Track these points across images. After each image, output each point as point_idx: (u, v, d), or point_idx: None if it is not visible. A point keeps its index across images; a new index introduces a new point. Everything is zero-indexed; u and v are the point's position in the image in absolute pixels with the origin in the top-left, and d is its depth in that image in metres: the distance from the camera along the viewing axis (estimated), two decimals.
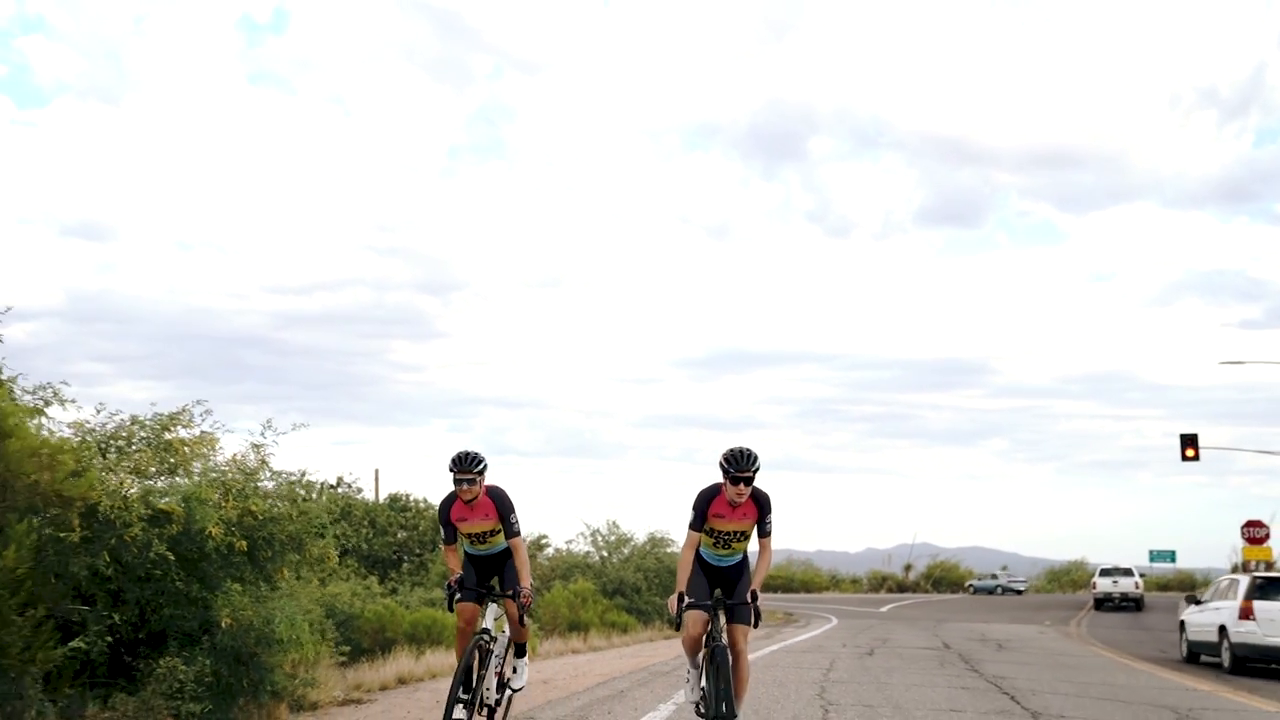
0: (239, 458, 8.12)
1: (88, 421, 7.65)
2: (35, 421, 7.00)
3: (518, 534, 6.39)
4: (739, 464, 5.56)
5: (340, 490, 22.40)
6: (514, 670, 6.56)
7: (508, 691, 6.48)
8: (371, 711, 8.26)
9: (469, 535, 6.43)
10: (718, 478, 5.69)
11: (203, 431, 7.89)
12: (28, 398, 7.19)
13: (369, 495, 26.44)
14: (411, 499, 24.25)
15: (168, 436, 7.86)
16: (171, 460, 7.49)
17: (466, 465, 6.16)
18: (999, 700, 8.87)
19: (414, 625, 13.82)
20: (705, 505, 5.78)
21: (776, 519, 5.83)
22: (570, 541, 27.78)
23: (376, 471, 31.42)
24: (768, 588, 47.26)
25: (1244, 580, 15.21)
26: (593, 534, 26.16)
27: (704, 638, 5.71)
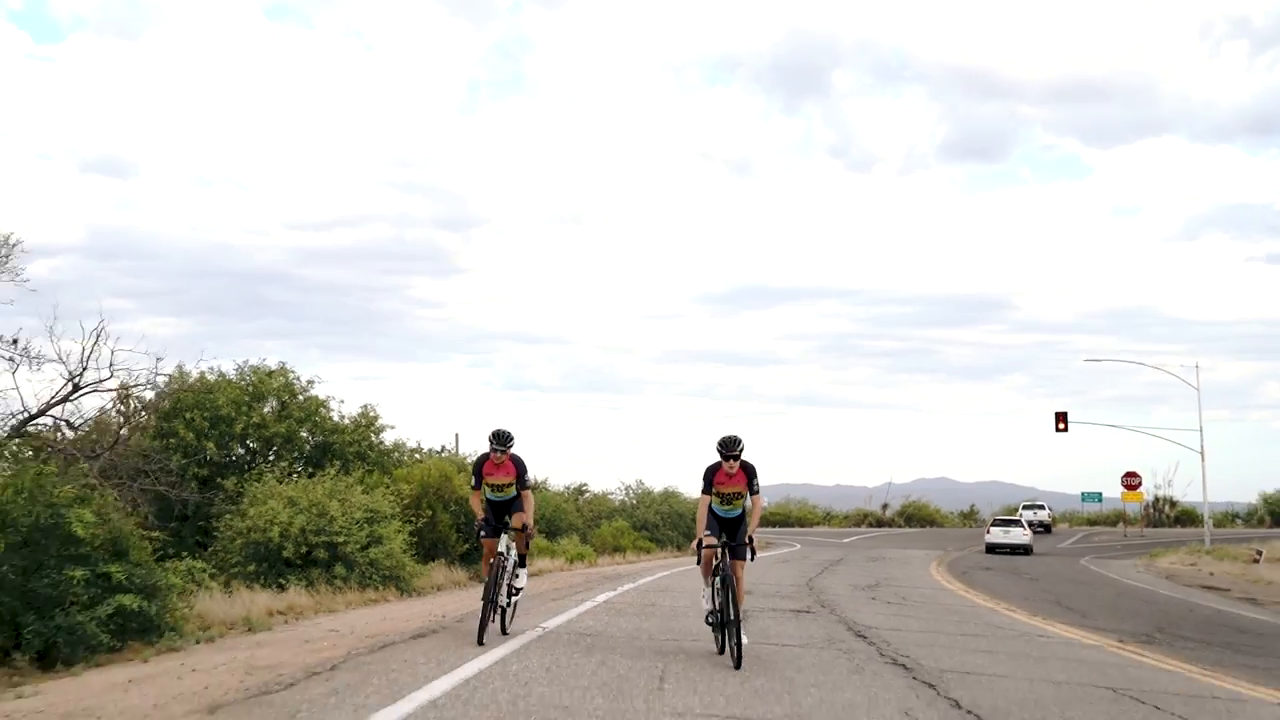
0: None
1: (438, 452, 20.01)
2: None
3: (528, 486, 8.87)
4: (729, 447, 8.08)
5: (443, 454, 34.57)
6: (516, 576, 8.93)
7: (514, 598, 8.92)
8: (548, 577, 20.50)
9: (491, 485, 8.80)
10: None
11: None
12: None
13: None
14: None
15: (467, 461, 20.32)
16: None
17: (502, 441, 8.70)
18: (806, 577, 21.01)
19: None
20: (711, 475, 8.22)
21: (774, 470, 16.91)
22: (610, 493, 40.35)
23: (457, 435, 43.81)
24: (768, 523, 62.72)
25: (992, 518, 39.02)
26: (626, 488, 38.75)
27: (715, 566, 8.03)
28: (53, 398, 13.71)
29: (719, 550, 8.02)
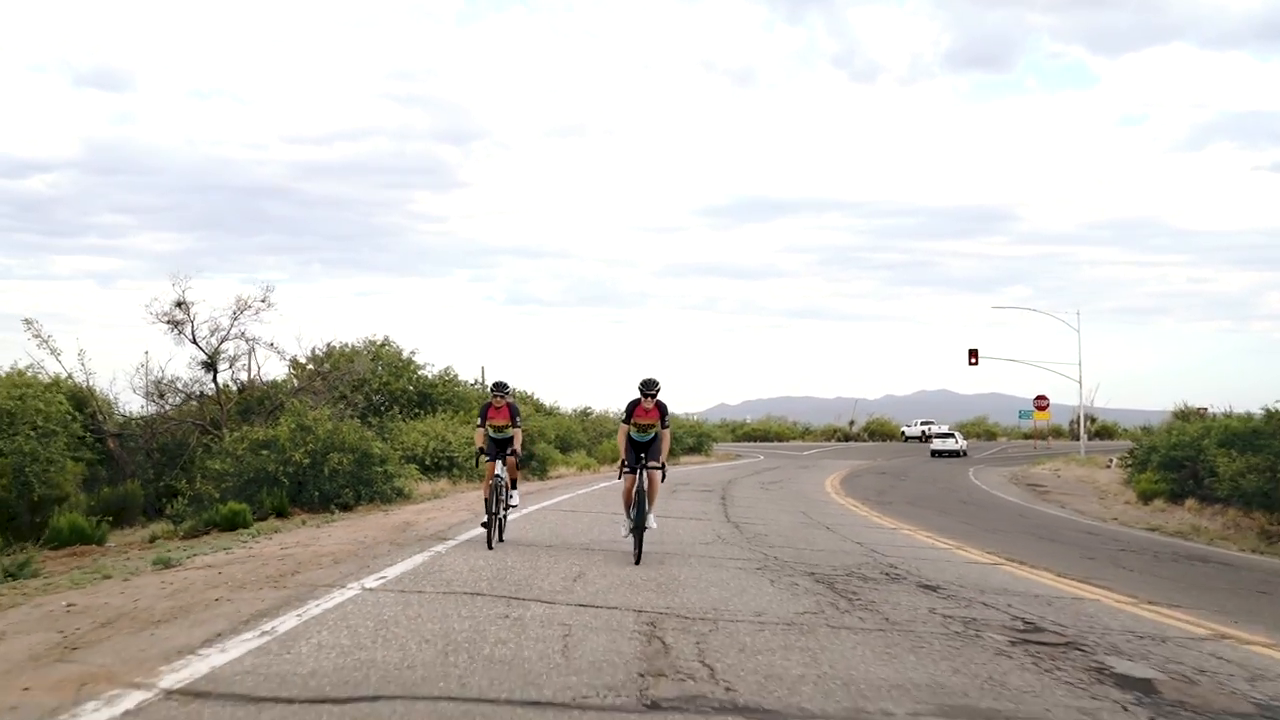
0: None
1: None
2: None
3: (519, 426, 11.86)
4: (649, 388, 10.70)
5: (476, 385, 46.57)
6: (511, 496, 11.91)
7: (506, 513, 11.93)
8: (568, 478, 32.57)
9: (493, 426, 11.78)
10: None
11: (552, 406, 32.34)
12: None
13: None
14: (513, 390, 48.30)
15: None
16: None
17: (501, 390, 11.92)
18: (732, 477, 33.09)
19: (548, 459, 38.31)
20: (632, 409, 10.79)
21: (776, 383, 29.64)
22: (611, 413, 52.61)
23: (483, 368, 55.88)
24: (749, 438, 77.86)
25: (936, 433, 58.00)
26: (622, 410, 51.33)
27: (633, 491, 10.67)
28: (310, 377, 25.67)
29: (636, 474, 10.65)
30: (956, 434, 61.48)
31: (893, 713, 4.93)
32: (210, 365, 25.33)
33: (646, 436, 10.88)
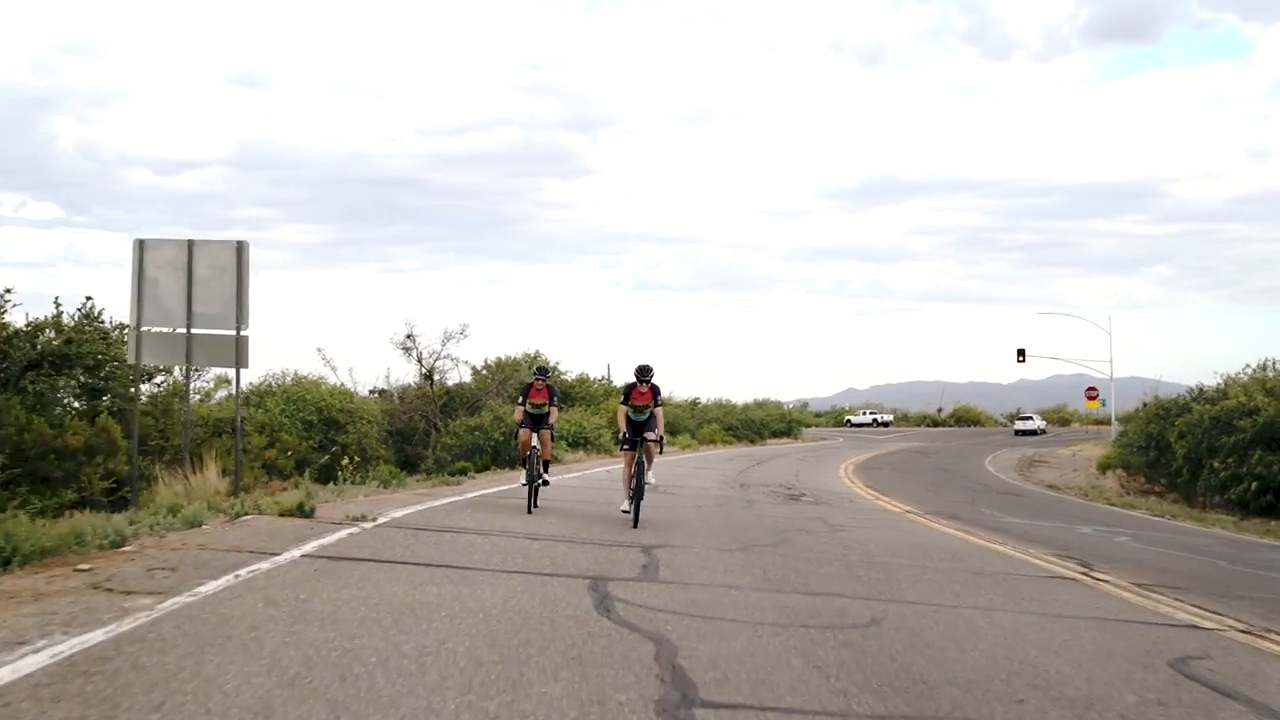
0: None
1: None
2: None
3: (556, 405, 13.87)
4: (644, 374, 12.44)
5: (602, 381, 61.07)
6: (546, 472, 14.06)
7: (541, 486, 13.92)
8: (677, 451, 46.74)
9: (532, 404, 13.77)
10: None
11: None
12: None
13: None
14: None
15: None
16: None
17: (543, 374, 14.12)
18: (795, 449, 46.69)
19: None
20: (629, 391, 12.63)
21: (903, 368, 42.80)
22: (717, 401, 66.88)
23: (609, 365, 70.37)
24: (848, 423, 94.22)
25: (1017, 417, 73.78)
26: (717, 403, 65.34)
27: (632, 468, 12.33)
28: (484, 381, 40.73)
29: (635, 451, 12.63)
30: (1035, 416, 78.43)
31: (707, 499, 18.89)
32: (429, 376, 40.49)
33: (643, 416, 12.86)
